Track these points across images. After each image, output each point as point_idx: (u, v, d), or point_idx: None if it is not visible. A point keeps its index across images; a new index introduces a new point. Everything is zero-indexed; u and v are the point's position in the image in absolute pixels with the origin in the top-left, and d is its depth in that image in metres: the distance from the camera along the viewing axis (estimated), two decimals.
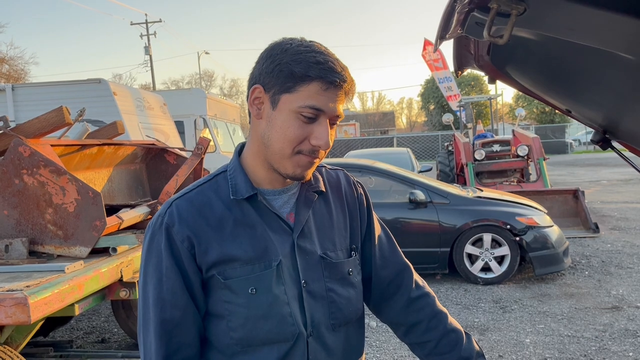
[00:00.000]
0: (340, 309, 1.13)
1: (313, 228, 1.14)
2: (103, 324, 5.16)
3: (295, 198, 1.14)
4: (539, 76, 1.11)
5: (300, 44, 1.02)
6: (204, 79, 50.56)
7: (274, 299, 1.06)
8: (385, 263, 1.26)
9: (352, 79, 1.05)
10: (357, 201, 1.24)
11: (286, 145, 1.03)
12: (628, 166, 10.83)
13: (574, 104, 1.16)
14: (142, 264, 1.08)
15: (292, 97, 1.01)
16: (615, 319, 4.59)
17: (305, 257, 1.10)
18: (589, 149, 36.12)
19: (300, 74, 0.99)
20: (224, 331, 1.07)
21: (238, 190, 1.09)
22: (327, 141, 1.02)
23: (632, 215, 9.78)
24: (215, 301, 1.07)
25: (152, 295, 1.05)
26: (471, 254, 5.82)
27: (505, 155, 10.62)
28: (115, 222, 2.99)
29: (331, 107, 1.02)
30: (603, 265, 6.31)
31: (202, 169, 4.06)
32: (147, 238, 1.08)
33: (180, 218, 1.06)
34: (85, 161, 3.60)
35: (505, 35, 0.67)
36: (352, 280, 1.17)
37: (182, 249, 1.04)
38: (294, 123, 1.02)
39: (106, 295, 2.89)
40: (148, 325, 1.06)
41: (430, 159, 27.53)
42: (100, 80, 7.92)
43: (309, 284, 1.10)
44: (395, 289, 1.26)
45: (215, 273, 1.05)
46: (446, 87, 17.37)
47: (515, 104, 44.09)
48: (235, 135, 11.90)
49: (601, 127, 1.17)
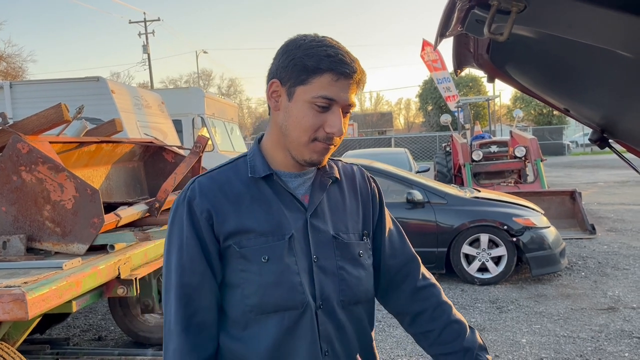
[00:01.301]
0: (350, 287, 1.19)
1: (326, 210, 1.21)
2: (100, 321, 5.15)
3: (310, 182, 1.22)
4: (538, 75, 1.12)
5: (312, 40, 1.11)
6: (202, 78, 50.56)
7: (285, 268, 1.13)
8: (394, 253, 1.32)
9: (363, 70, 1.12)
10: (370, 194, 1.31)
11: (302, 133, 1.11)
12: (625, 168, 10.91)
13: (573, 103, 1.16)
14: (167, 235, 1.18)
15: (306, 89, 1.09)
16: (611, 319, 4.60)
17: (317, 235, 1.18)
18: (586, 151, 36.21)
19: (312, 67, 1.08)
20: (238, 299, 1.15)
21: (256, 169, 1.18)
22: (340, 128, 1.10)
23: (628, 217, 9.81)
24: (231, 271, 1.15)
25: (174, 262, 1.15)
26: (468, 254, 5.83)
27: (502, 157, 10.64)
28: (113, 220, 2.99)
29: (343, 97, 1.10)
30: (599, 267, 6.33)
31: (201, 168, 4.05)
32: (172, 211, 1.18)
33: (201, 193, 1.15)
34: (83, 159, 3.60)
35: (505, 32, 0.68)
36: (362, 262, 1.23)
37: (202, 219, 1.14)
38: (308, 112, 1.10)
39: (104, 292, 2.89)
40: (170, 289, 1.15)
41: (427, 160, 27.56)
42: (99, 78, 7.91)
43: (320, 260, 1.17)
44: (403, 278, 1.32)
45: (232, 243, 1.14)
46: (445, 88, 17.39)
47: (513, 105, 44.16)
48: (233, 135, 11.89)
49: (599, 126, 1.17)
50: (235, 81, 58.48)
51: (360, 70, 1.11)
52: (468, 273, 5.81)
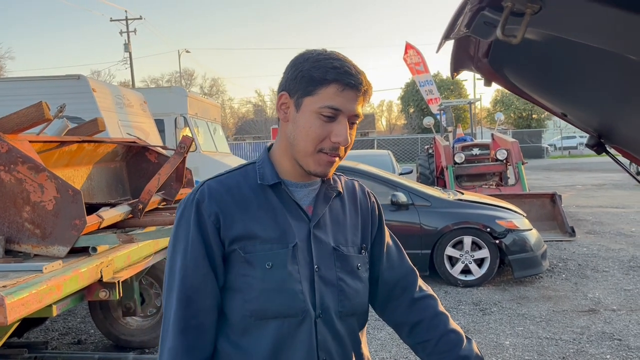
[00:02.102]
0: (348, 299, 1.21)
1: (328, 222, 1.24)
2: (79, 324, 5.05)
3: (315, 193, 1.24)
4: (537, 79, 1.11)
5: (320, 53, 1.15)
6: (184, 77, 50.13)
7: (288, 276, 1.15)
8: (392, 266, 1.35)
9: (369, 82, 1.16)
10: (370, 208, 1.34)
11: (309, 143, 1.14)
12: (602, 171, 11.16)
13: (571, 108, 1.16)
14: (172, 235, 1.19)
15: (313, 100, 1.12)
16: (592, 321, 4.66)
17: (319, 245, 1.20)
18: (564, 154, 36.81)
19: (319, 78, 1.11)
20: (239, 304, 1.16)
21: (265, 177, 1.20)
22: (345, 137, 1.13)
23: (606, 219, 9.97)
24: (234, 276, 1.17)
25: (178, 263, 1.16)
26: (451, 256, 5.86)
27: (484, 159, 10.74)
28: (95, 221, 2.93)
29: (349, 107, 1.12)
30: (579, 269, 6.41)
31: (185, 168, 4.00)
32: (179, 212, 1.19)
33: (210, 195, 1.17)
34: (64, 158, 3.52)
35: (518, 35, 0.66)
36: (360, 275, 1.25)
37: (209, 222, 1.16)
38: (315, 122, 1.13)
39: (85, 296, 2.82)
40: (172, 289, 1.16)
41: (409, 162, 27.69)
42: (79, 77, 7.77)
43: (321, 270, 1.19)
44: (401, 290, 1.35)
45: (237, 247, 1.16)
46: (427, 91, 17.48)
47: (493, 109, 44.68)
48: (216, 135, 11.79)
49: (596, 131, 1.17)
50: (217, 81, 58.13)
51: (367, 83, 1.14)
52: (451, 275, 5.83)
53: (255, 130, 46.54)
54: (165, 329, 1.16)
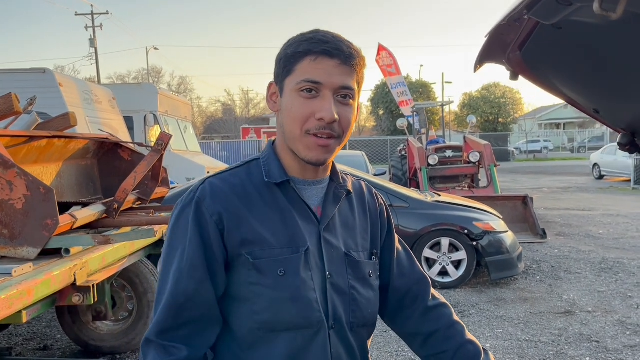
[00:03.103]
0: (360, 309, 1.13)
1: (338, 225, 1.14)
2: (45, 329, 4.82)
3: (323, 193, 1.14)
4: (574, 71, 1.04)
5: (298, 34, 1.06)
6: (152, 75, 49.21)
7: (302, 283, 1.05)
8: (403, 273, 1.26)
9: (354, 50, 1.04)
10: (378, 210, 1.26)
11: (294, 125, 1.04)
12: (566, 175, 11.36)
13: (606, 103, 1.09)
14: (167, 237, 1.08)
15: (291, 78, 1.04)
16: (569, 323, 4.69)
17: (330, 250, 1.11)
18: (529, 157, 37.65)
19: (292, 53, 1.03)
20: (247, 315, 1.05)
21: (272, 174, 1.10)
22: (330, 112, 1.01)
23: (574, 222, 10.17)
24: (239, 283, 1.05)
25: (173, 267, 1.04)
26: (429, 258, 5.84)
27: (457, 161, 10.81)
28: (68, 221, 2.76)
29: (329, 79, 1.01)
30: (553, 270, 6.48)
31: (161, 167, 3.84)
32: (176, 212, 1.08)
33: (212, 194, 1.06)
34: (32, 154, 3.32)
35: (619, 8, 0.58)
36: (371, 283, 1.17)
37: (211, 223, 1.04)
38: (296, 102, 1.03)
39: (57, 300, 2.66)
40: (161, 296, 1.04)
41: (380, 163, 27.83)
42: (45, 70, 7.49)
43: (333, 277, 1.10)
44: (413, 299, 1.26)
45: (244, 253, 1.04)
46: (399, 93, 17.52)
47: (461, 112, 45.37)
48: (186, 133, 11.56)
49: (630, 129, 1.11)
50: (186, 79, 57.33)
51: (348, 50, 1.02)
52: (429, 277, 5.79)
53: (225, 130, 46.04)
54: (148, 339, 1.03)
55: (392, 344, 4.23)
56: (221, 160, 17.20)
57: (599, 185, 17.61)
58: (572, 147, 41.87)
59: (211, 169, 9.96)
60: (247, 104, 55.51)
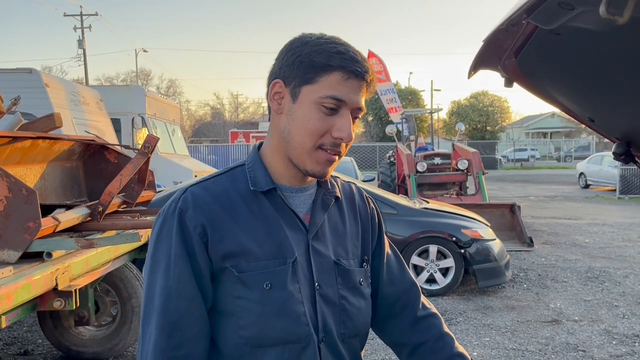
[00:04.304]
0: (351, 319, 1.09)
1: (327, 232, 1.10)
2: (26, 334, 4.72)
3: (311, 199, 1.10)
4: (570, 79, 1.02)
5: (320, 37, 1.02)
6: (141, 77, 48.93)
7: (289, 296, 1.01)
8: (393, 280, 1.22)
9: (373, 72, 1.03)
10: (369, 214, 1.21)
11: (307, 138, 1.00)
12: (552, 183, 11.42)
13: (601, 112, 1.08)
14: (150, 252, 1.02)
15: (313, 88, 0.99)
16: (555, 332, 4.69)
17: (319, 260, 1.07)
18: (516, 166, 37.94)
19: (321, 64, 0.98)
20: (232, 330, 1.01)
21: (257, 182, 1.05)
22: (349, 133, 0.99)
23: (560, 230, 10.23)
24: (224, 297, 1.02)
25: (158, 284, 0.99)
26: (417, 265, 5.82)
27: (445, 168, 10.84)
28: (50, 224, 2.70)
29: (353, 99, 1.00)
30: (540, 279, 6.50)
31: (148, 170, 3.79)
32: (158, 224, 1.03)
33: (195, 204, 1.01)
34: (15, 155, 3.25)
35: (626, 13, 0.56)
36: (363, 291, 1.13)
37: (194, 235, 0.99)
38: (315, 115, 0.99)
39: (37, 305, 2.59)
40: (150, 316, 0.99)
41: (369, 169, 27.88)
42: (31, 70, 7.39)
43: (322, 287, 1.06)
44: (402, 307, 1.22)
45: (229, 265, 1.00)
46: (388, 99, 17.54)
47: (450, 120, 45.67)
48: (174, 136, 11.47)
49: (626, 139, 1.10)
50: (175, 82, 56.96)
51: (372, 72, 1.02)
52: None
53: (213, 133, 45.88)
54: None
55: (380, 351, 4.20)
56: (209, 164, 17.10)
57: (584, 195, 17.78)
58: (558, 156, 42.29)
59: (199, 172, 9.89)
60: (236, 107, 55.39)
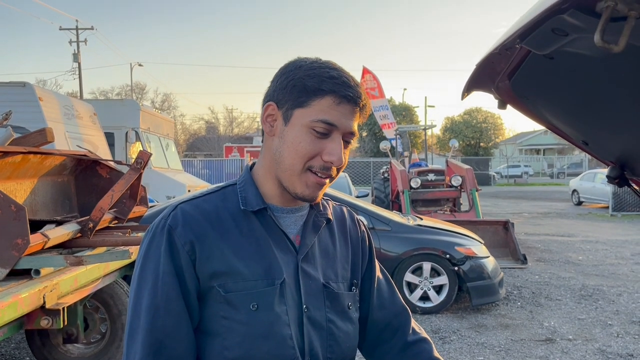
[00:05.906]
0: (338, 344, 1.08)
1: (317, 254, 1.10)
2: (13, 351, 4.64)
3: (302, 221, 1.10)
4: (563, 102, 1.02)
5: (314, 61, 1.03)
6: (135, 91, 48.96)
7: (276, 318, 1.01)
8: (383, 304, 1.21)
9: (367, 97, 1.05)
10: (360, 238, 1.22)
11: (297, 160, 1.00)
12: (546, 200, 11.46)
13: (595, 135, 1.07)
14: (138, 268, 1.02)
15: (304, 112, 1.00)
16: (550, 351, 4.65)
17: (308, 282, 1.06)
18: (509, 182, 38.07)
19: (313, 88, 0.99)
20: (217, 350, 1.00)
21: (248, 201, 1.05)
22: (339, 157, 1.00)
23: (554, 247, 10.23)
24: (210, 317, 1.00)
25: (145, 302, 0.98)
26: (410, 282, 5.79)
27: (439, 185, 10.85)
28: (39, 240, 2.66)
29: (344, 123, 1.00)
30: (533, 297, 6.47)
31: (140, 185, 3.76)
32: (147, 240, 1.02)
33: (184, 221, 1.01)
34: (6, 170, 3.22)
35: (621, 42, 0.56)
36: (351, 315, 1.12)
37: (183, 252, 0.99)
38: (305, 138, 1.00)
39: (24, 323, 2.54)
40: (135, 334, 0.98)
41: (363, 185, 27.89)
42: (25, 84, 7.38)
43: (310, 310, 1.05)
44: (392, 332, 1.21)
45: (216, 285, 0.99)
46: (381, 116, 17.62)
47: (443, 136, 45.91)
48: (168, 151, 11.44)
49: (619, 162, 1.09)
50: (169, 96, 56.99)
51: (365, 97, 1.03)
52: (410, 302, 5.74)
53: (207, 148, 45.85)
54: None
55: None
56: (203, 179, 17.06)
57: (578, 211, 17.83)
58: (551, 172, 42.52)
59: (192, 187, 9.85)
60: (230, 122, 55.44)
